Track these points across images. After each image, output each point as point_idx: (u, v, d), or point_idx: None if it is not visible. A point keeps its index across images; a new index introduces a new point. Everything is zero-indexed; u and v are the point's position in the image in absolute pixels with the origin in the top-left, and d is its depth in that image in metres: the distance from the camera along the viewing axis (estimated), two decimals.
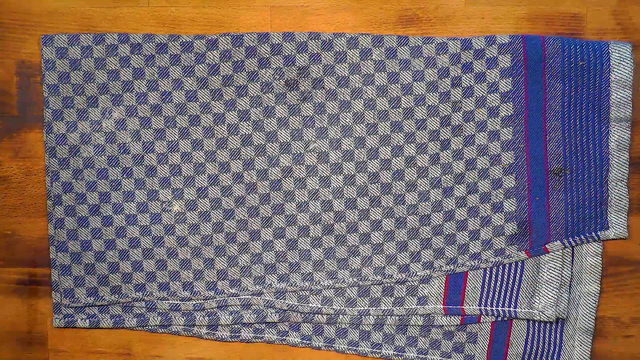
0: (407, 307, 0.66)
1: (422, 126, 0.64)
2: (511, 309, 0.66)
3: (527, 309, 0.66)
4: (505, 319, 0.67)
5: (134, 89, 0.65)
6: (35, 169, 0.67)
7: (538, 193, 0.65)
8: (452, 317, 0.67)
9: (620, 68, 0.64)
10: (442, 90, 0.64)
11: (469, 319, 0.67)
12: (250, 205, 0.66)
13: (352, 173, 0.65)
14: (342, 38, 0.64)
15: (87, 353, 0.69)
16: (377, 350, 0.67)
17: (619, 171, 0.65)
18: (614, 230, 0.65)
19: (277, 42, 0.64)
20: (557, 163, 0.65)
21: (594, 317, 0.66)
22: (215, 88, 0.65)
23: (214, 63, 0.64)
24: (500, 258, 0.66)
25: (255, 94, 0.65)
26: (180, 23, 0.65)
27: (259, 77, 0.64)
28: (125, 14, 0.66)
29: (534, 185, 0.65)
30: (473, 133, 0.64)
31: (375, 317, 0.67)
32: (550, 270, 0.65)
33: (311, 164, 0.65)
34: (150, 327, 0.68)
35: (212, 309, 0.67)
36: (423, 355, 0.67)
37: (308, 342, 0.68)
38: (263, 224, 0.66)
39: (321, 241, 0.66)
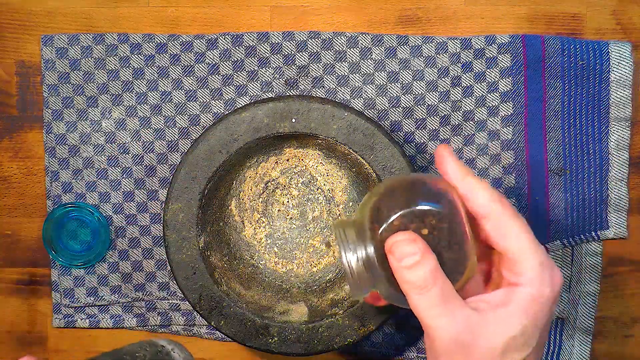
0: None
1: (421, 125, 0.64)
2: None
3: None
4: None
5: (134, 89, 0.65)
6: (35, 169, 0.67)
7: (538, 193, 0.65)
8: None
9: (619, 68, 0.64)
10: (441, 90, 0.64)
11: None
12: None
13: None
14: (342, 37, 0.64)
15: (87, 353, 0.68)
16: (377, 350, 0.67)
17: (619, 171, 0.65)
18: (613, 230, 0.65)
19: (276, 42, 0.64)
20: (557, 163, 0.65)
21: (593, 317, 0.66)
22: (215, 87, 0.65)
23: (214, 63, 0.64)
24: None
25: (255, 93, 0.65)
26: (180, 23, 0.65)
27: (259, 76, 0.65)
28: (125, 14, 0.66)
29: (534, 185, 0.65)
30: (473, 132, 0.65)
31: None
32: None
33: None
34: (150, 327, 0.67)
35: None
36: (423, 355, 0.67)
37: None
38: None
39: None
